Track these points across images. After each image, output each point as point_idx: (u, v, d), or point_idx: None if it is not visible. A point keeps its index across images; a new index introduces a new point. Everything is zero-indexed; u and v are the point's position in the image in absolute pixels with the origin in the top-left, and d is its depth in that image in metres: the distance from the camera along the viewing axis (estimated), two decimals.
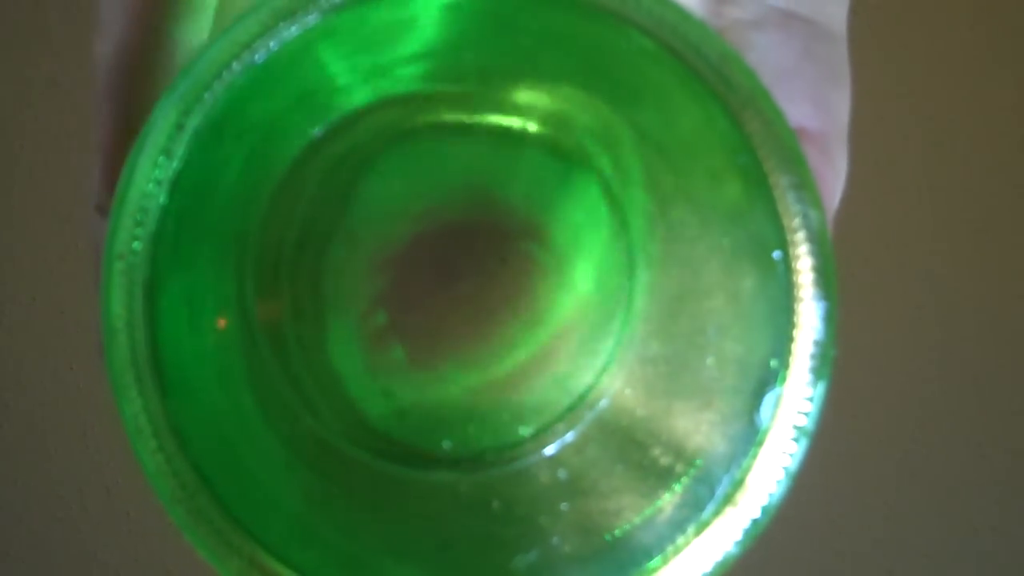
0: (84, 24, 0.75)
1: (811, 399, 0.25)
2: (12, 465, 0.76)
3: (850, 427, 0.76)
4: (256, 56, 0.25)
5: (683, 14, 0.25)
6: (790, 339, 0.26)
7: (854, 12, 0.32)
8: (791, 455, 0.26)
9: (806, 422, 0.26)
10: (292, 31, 0.25)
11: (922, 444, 0.77)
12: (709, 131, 0.26)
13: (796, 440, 0.26)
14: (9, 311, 0.75)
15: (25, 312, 0.75)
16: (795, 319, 0.26)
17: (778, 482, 0.26)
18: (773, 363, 0.26)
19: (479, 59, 0.27)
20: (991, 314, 0.77)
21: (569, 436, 0.28)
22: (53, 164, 0.75)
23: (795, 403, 0.26)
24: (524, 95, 0.27)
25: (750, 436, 0.26)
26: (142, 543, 0.77)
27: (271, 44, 0.25)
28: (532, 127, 0.27)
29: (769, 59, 0.30)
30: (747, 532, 0.26)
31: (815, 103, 0.30)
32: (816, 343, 0.26)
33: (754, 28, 0.30)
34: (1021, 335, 0.76)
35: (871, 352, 0.76)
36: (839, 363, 0.26)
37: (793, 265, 0.25)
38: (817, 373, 0.26)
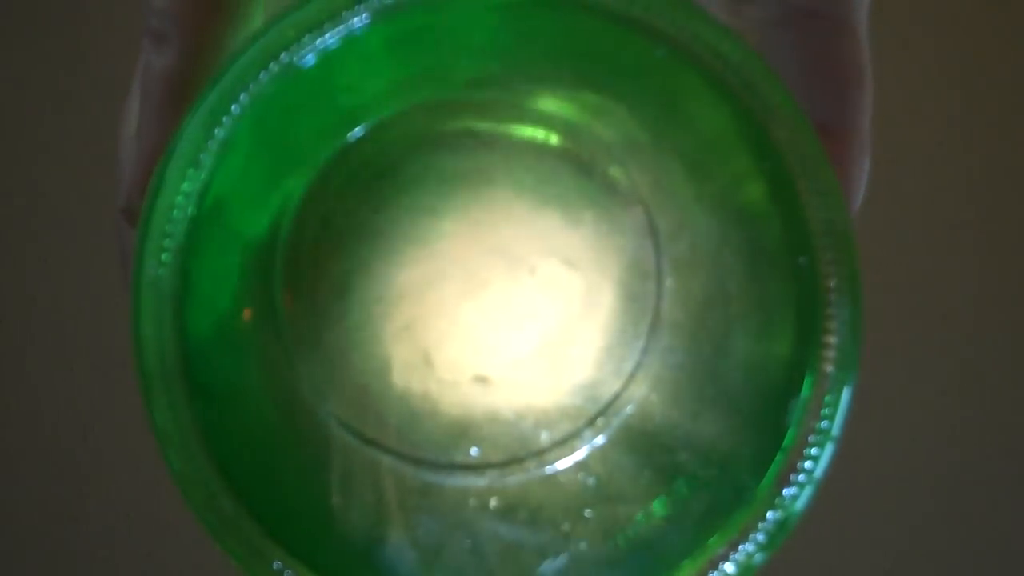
0: (85, 23, 0.75)
1: (836, 404, 0.26)
2: (12, 465, 0.76)
3: (850, 426, 0.76)
4: (282, 67, 0.25)
5: (705, 19, 0.26)
6: (816, 345, 0.26)
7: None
8: (816, 460, 0.26)
9: (831, 427, 0.26)
10: (319, 43, 0.25)
11: (922, 444, 0.77)
12: (731, 136, 0.26)
13: (821, 445, 0.26)
14: (9, 311, 0.75)
15: (25, 312, 0.75)
16: (821, 324, 0.26)
17: (804, 487, 0.26)
18: (798, 368, 0.26)
19: (504, 67, 0.27)
20: (993, 313, 0.77)
21: (596, 442, 0.28)
22: (54, 165, 0.75)
23: (820, 409, 0.26)
24: (547, 103, 0.27)
25: (775, 441, 0.26)
26: (142, 543, 0.77)
27: (296, 56, 0.25)
28: (555, 135, 0.27)
29: (788, 59, 0.30)
30: (772, 537, 0.26)
31: (836, 102, 0.30)
32: (842, 348, 0.26)
33: (774, 27, 0.30)
34: (1021, 335, 0.77)
35: (871, 352, 0.76)
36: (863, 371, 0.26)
37: (819, 270, 0.26)
38: (842, 379, 0.26)
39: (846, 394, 0.26)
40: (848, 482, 0.75)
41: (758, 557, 0.26)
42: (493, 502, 0.27)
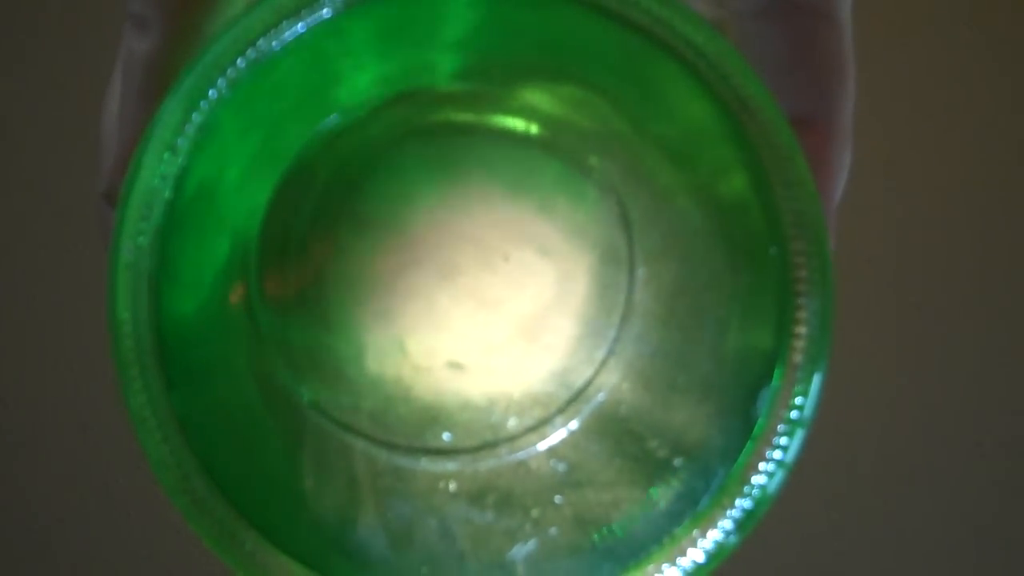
0: (83, 25, 0.76)
1: (806, 393, 0.26)
2: (12, 465, 0.76)
3: (849, 427, 0.77)
4: (260, 53, 0.25)
5: (682, 12, 0.26)
6: (787, 334, 0.26)
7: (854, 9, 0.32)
8: (786, 447, 0.26)
9: (801, 415, 0.26)
10: (297, 29, 0.25)
11: (922, 444, 0.77)
12: (708, 127, 0.27)
13: (790, 433, 0.26)
14: (9, 311, 0.75)
15: (25, 312, 0.75)
16: (791, 314, 0.26)
17: (773, 474, 0.26)
18: (769, 358, 0.26)
19: (484, 59, 0.27)
20: (991, 312, 0.77)
21: (567, 429, 0.28)
22: (53, 164, 0.75)
23: (790, 397, 0.26)
24: (527, 95, 0.28)
25: (746, 429, 0.26)
26: (142, 543, 0.77)
27: (274, 42, 0.25)
28: (535, 126, 0.28)
29: (771, 50, 0.30)
30: (742, 523, 0.26)
31: (818, 94, 0.30)
32: (812, 338, 0.26)
33: (756, 19, 0.30)
34: (1021, 335, 0.77)
35: (871, 352, 0.76)
36: (838, 362, 0.26)
37: (789, 260, 0.26)
38: (812, 368, 0.26)
39: (816, 383, 0.26)
40: (825, 475, 0.75)
41: (727, 544, 0.26)
42: (464, 487, 0.28)
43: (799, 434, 0.26)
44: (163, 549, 0.77)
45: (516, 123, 0.28)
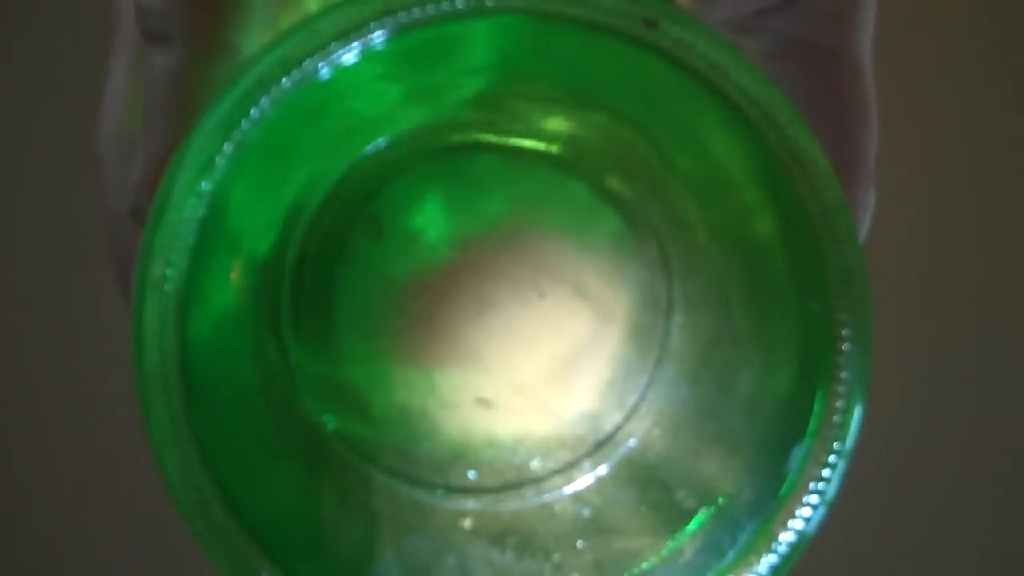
0: (84, 24, 0.75)
1: (836, 459, 0.25)
2: (12, 465, 0.76)
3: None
4: (305, 75, 0.25)
5: (736, 58, 0.25)
6: (824, 393, 0.26)
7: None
8: (814, 509, 0.25)
9: (831, 478, 0.26)
10: (341, 54, 0.25)
11: (922, 444, 0.77)
12: (745, 170, 0.26)
13: (820, 494, 0.26)
14: (9, 311, 0.75)
15: (25, 312, 0.75)
16: (831, 374, 0.25)
17: (799, 534, 0.26)
18: (803, 415, 0.26)
19: (521, 86, 0.27)
20: (990, 314, 0.77)
21: (594, 474, 0.28)
22: (54, 166, 0.75)
23: (823, 455, 0.26)
24: (556, 122, 0.27)
25: (775, 487, 0.26)
26: (142, 543, 0.76)
27: (321, 64, 0.25)
28: (565, 154, 0.27)
29: (792, 92, 0.30)
30: None
31: (842, 136, 0.30)
32: (848, 398, 0.25)
33: (774, 60, 0.30)
34: (1021, 335, 0.76)
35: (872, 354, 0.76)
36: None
37: (832, 318, 0.25)
38: (845, 429, 0.25)
39: (849, 445, 0.26)
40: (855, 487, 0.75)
41: None
42: (486, 526, 0.27)
43: (828, 497, 0.26)
44: (163, 549, 0.76)
45: (551, 148, 0.27)
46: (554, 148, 0.27)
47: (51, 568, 0.76)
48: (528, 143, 0.27)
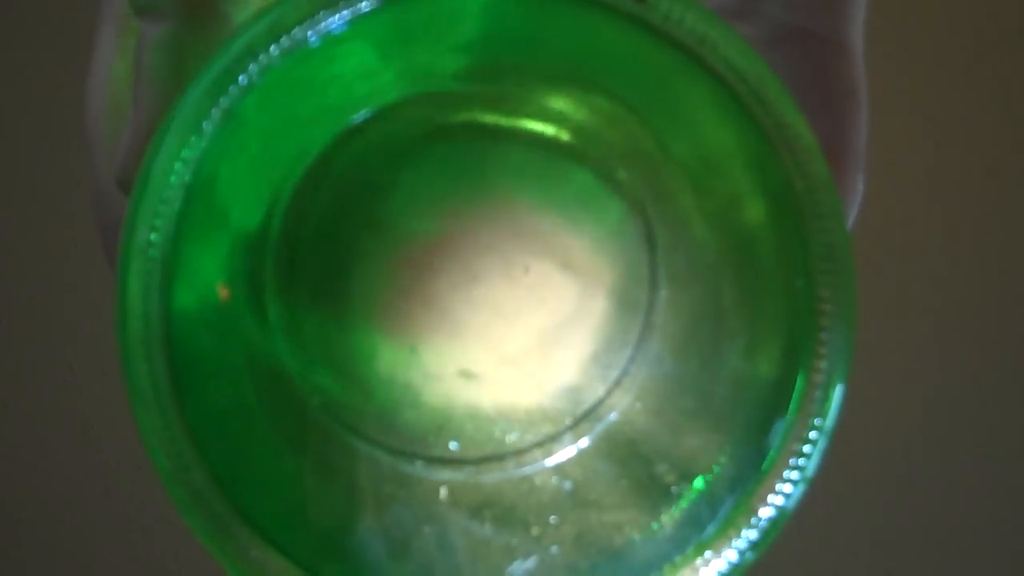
0: (82, 21, 0.75)
1: (818, 434, 0.25)
2: (12, 465, 0.76)
3: (850, 428, 0.76)
4: (294, 43, 0.25)
5: (726, 33, 0.25)
6: (806, 369, 0.26)
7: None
8: (794, 485, 0.26)
9: (812, 454, 0.26)
10: (331, 22, 0.25)
11: (922, 444, 0.77)
12: (736, 153, 0.26)
13: (800, 470, 0.26)
14: (9, 311, 0.75)
15: (25, 312, 0.75)
16: (813, 349, 0.26)
17: (779, 509, 0.26)
18: (785, 390, 0.26)
19: (516, 61, 0.27)
20: (991, 314, 0.77)
21: (575, 447, 0.28)
22: (53, 164, 0.75)
23: (804, 431, 0.26)
24: (557, 101, 0.27)
25: (756, 461, 0.26)
26: (142, 543, 0.76)
27: (310, 32, 0.25)
28: (564, 135, 0.27)
29: (784, 77, 0.30)
30: (745, 555, 0.26)
31: (830, 122, 0.30)
32: (830, 374, 0.26)
33: (768, 46, 0.30)
34: (1021, 336, 0.77)
35: (872, 354, 0.76)
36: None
37: (815, 294, 0.25)
38: (828, 403, 0.26)
39: (831, 418, 0.26)
40: (826, 476, 0.75)
41: (730, 573, 0.26)
42: (466, 498, 0.27)
43: (809, 471, 0.26)
44: (164, 549, 0.76)
45: (545, 128, 0.27)
46: (557, 130, 0.27)
47: (51, 568, 0.76)
48: (530, 123, 0.27)
